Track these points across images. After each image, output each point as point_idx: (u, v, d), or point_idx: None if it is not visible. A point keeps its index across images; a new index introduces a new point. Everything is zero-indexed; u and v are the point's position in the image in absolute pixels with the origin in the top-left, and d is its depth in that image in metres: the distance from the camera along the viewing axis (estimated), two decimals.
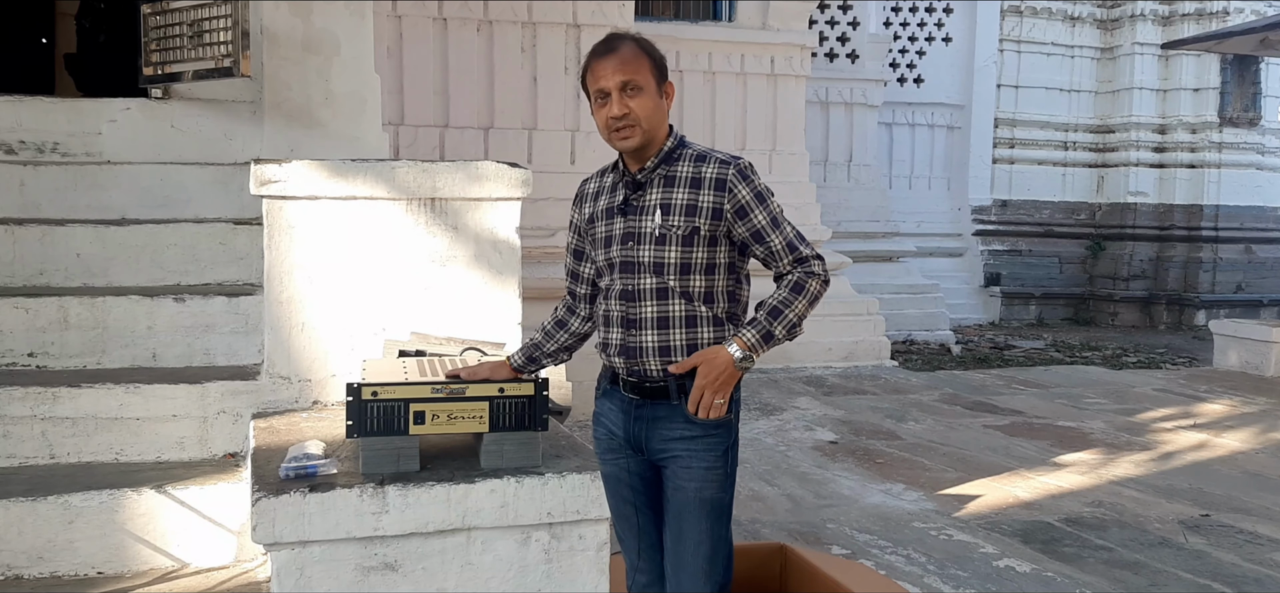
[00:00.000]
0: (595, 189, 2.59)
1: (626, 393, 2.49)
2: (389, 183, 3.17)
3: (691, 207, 2.39)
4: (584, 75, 2.46)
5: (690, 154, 2.45)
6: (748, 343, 2.36)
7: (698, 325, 2.42)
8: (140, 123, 4.23)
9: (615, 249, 2.47)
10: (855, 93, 11.70)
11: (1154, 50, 13.77)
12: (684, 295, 2.41)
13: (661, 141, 2.45)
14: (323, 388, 3.21)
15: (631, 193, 2.46)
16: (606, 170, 2.59)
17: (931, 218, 13.33)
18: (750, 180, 2.41)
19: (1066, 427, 6.98)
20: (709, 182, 2.39)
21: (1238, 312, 12.72)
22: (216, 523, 2.98)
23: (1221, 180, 13.57)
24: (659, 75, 2.42)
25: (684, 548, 2.45)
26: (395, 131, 7.20)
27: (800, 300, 2.38)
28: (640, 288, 2.43)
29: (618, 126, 2.38)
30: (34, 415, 3.10)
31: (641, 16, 8.80)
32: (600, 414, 2.59)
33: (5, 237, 3.65)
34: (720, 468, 2.44)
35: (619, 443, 2.52)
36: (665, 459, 2.46)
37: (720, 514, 2.47)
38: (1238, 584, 4.14)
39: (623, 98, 2.36)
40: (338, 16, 4.38)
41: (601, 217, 2.52)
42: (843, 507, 5.03)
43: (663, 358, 2.42)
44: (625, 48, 2.39)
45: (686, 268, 2.40)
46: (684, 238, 2.39)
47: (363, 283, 3.19)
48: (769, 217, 2.41)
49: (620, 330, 2.46)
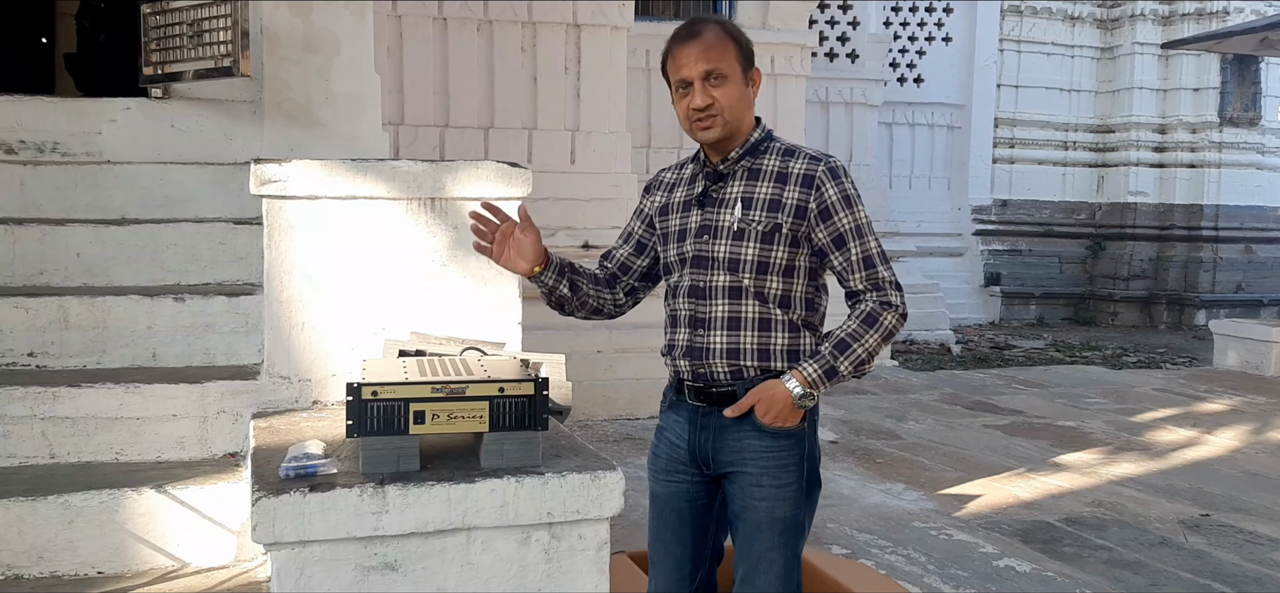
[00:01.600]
0: (672, 179, 2.44)
1: (692, 401, 2.34)
2: (389, 182, 3.16)
3: (775, 202, 2.24)
4: (664, 61, 2.32)
5: (778, 148, 2.31)
6: (808, 379, 2.21)
7: (771, 330, 2.27)
8: (140, 123, 4.23)
9: (689, 243, 2.32)
10: (855, 92, 11.70)
11: (1154, 50, 13.77)
12: (758, 296, 2.26)
13: (747, 133, 2.30)
14: (323, 388, 3.21)
15: (711, 184, 2.31)
16: (686, 161, 2.45)
17: (931, 218, 13.33)
18: (840, 181, 2.25)
19: (1066, 427, 6.99)
20: (796, 177, 2.24)
21: (1238, 312, 12.72)
22: (216, 523, 2.98)
23: (1221, 180, 13.57)
24: (745, 62, 2.27)
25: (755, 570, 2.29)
26: (395, 131, 7.20)
27: (872, 334, 2.22)
28: (712, 285, 2.28)
29: (700, 118, 2.22)
30: (34, 415, 3.09)
31: (641, 16, 8.79)
32: (664, 428, 2.44)
33: (5, 237, 3.65)
34: (793, 484, 2.28)
35: (681, 458, 2.38)
36: (735, 471, 2.30)
37: (795, 533, 2.30)
38: (1238, 584, 4.14)
39: (706, 87, 2.21)
40: (338, 16, 4.37)
41: (676, 208, 2.38)
42: (843, 507, 5.03)
43: (731, 360, 2.27)
44: (709, 33, 2.24)
45: (764, 267, 2.24)
46: (764, 234, 2.23)
47: (363, 283, 3.19)
48: (854, 223, 2.25)
49: (687, 330, 2.31)
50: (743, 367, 2.27)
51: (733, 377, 2.27)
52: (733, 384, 2.27)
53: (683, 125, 2.28)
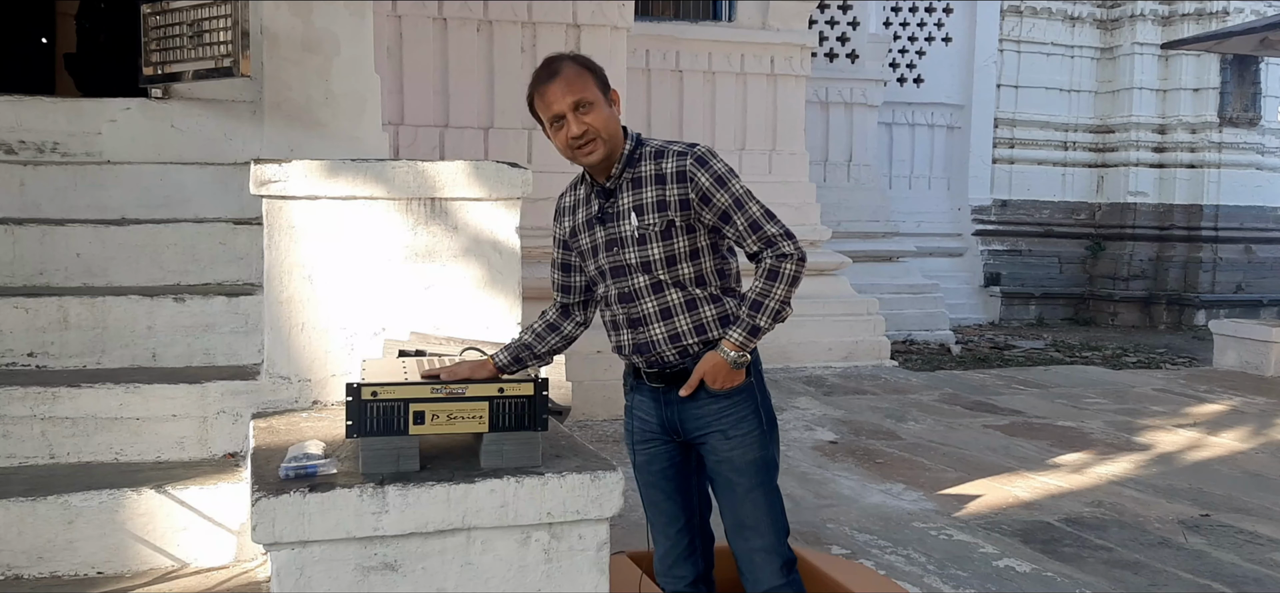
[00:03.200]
0: (571, 203, 2.69)
1: (652, 383, 2.61)
2: (389, 183, 3.17)
3: (661, 202, 2.47)
4: (531, 103, 2.53)
5: (649, 152, 2.53)
6: (737, 343, 2.48)
7: (698, 307, 2.53)
8: (140, 123, 4.23)
9: (602, 257, 2.57)
10: (855, 93, 11.69)
11: (1154, 50, 13.77)
12: (677, 284, 2.51)
13: (620, 147, 2.53)
14: (323, 388, 3.21)
15: (604, 201, 2.55)
16: (577, 182, 2.69)
17: (931, 218, 13.33)
18: (708, 165, 2.48)
19: (1066, 427, 6.99)
20: (671, 175, 2.47)
21: (1238, 312, 12.72)
22: (216, 523, 2.98)
23: (1221, 180, 13.57)
24: (603, 86, 2.51)
25: (741, 511, 2.58)
26: (395, 131, 7.20)
27: (778, 285, 2.45)
28: (635, 287, 2.54)
29: (580, 145, 2.47)
30: (34, 415, 3.09)
31: (641, 16, 8.80)
32: (632, 408, 2.72)
33: (5, 237, 3.65)
34: (755, 428, 2.57)
35: (653, 430, 2.66)
36: (703, 434, 2.58)
37: (767, 470, 2.60)
38: (1238, 584, 4.14)
39: (578, 116, 2.45)
40: (338, 16, 4.37)
41: (583, 228, 2.62)
42: (843, 507, 5.03)
43: (674, 344, 2.54)
44: (567, 68, 2.48)
45: (672, 260, 2.49)
46: (662, 233, 2.48)
47: (363, 283, 3.19)
48: (732, 198, 2.46)
49: (629, 331, 2.58)
50: (686, 346, 2.54)
51: (680, 356, 2.55)
52: (682, 362, 2.55)
53: (564, 154, 2.52)
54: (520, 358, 2.69)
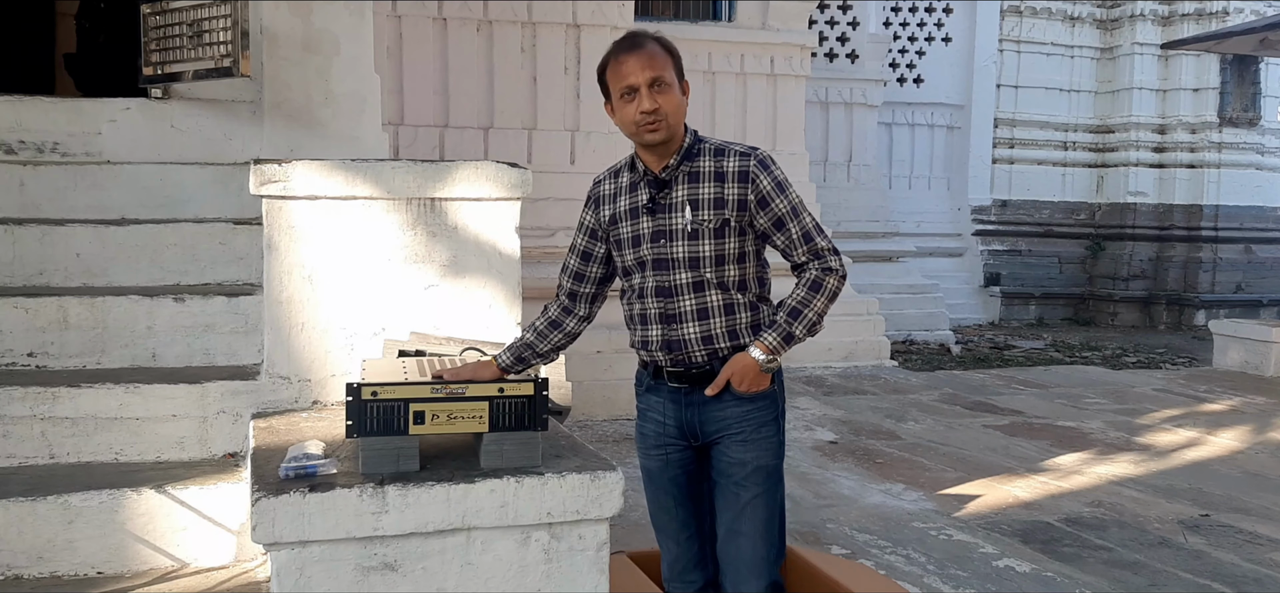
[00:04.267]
0: (612, 190, 2.61)
1: (673, 384, 2.56)
2: (389, 183, 3.17)
3: (719, 200, 2.45)
4: (603, 71, 2.49)
5: (708, 148, 2.50)
6: (770, 347, 2.47)
7: (736, 311, 2.50)
8: (140, 123, 4.23)
9: (646, 248, 2.51)
10: (855, 93, 11.69)
11: (1154, 50, 13.77)
12: (720, 285, 2.48)
13: (681, 138, 2.49)
14: (323, 388, 3.21)
15: (656, 192, 2.50)
16: (619, 170, 2.61)
17: (931, 218, 13.33)
18: (770, 169, 2.47)
19: (1066, 427, 6.99)
20: (732, 174, 2.45)
21: (1237, 312, 12.72)
22: (216, 523, 2.98)
23: (1221, 180, 13.56)
24: (680, 72, 2.49)
25: (739, 519, 2.53)
26: (395, 131, 7.20)
27: (819, 298, 2.46)
28: (676, 283, 2.49)
29: (648, 122, 2.42)
30: (34, 415, 3.09)
31: (641, 16, 8.79)
32: (646, 409, 2.66)
33: (5, 237, 3.65)
34: (773, 436, 2.56)
35: (670, 433, 2.60)
36: (720, 437, 2.54)
37: (775, 480, 2.58)
38: (1238, 584, 4.14)
39: (652, 93, 2.41)
40: (338, 16, 4.37)
41: (625, 217, 2.55)
42: (843, 507, 5.03)
43: (706, 346, 2.50)
44: (651, 44, 2.45)
45: (720, 260, 2.47)
46: (716, 231, 2.45)
47: (363, 283, 3.19)
48: (789, 205, 2.47)
49: (660, 326, 2.52)
50: (717, 348, 2.50)
51: (709, 358, 2.51)
52: (709, 364, 2.51)
53: (626, 131, 2.47)
54: (523, 357, 2.66)
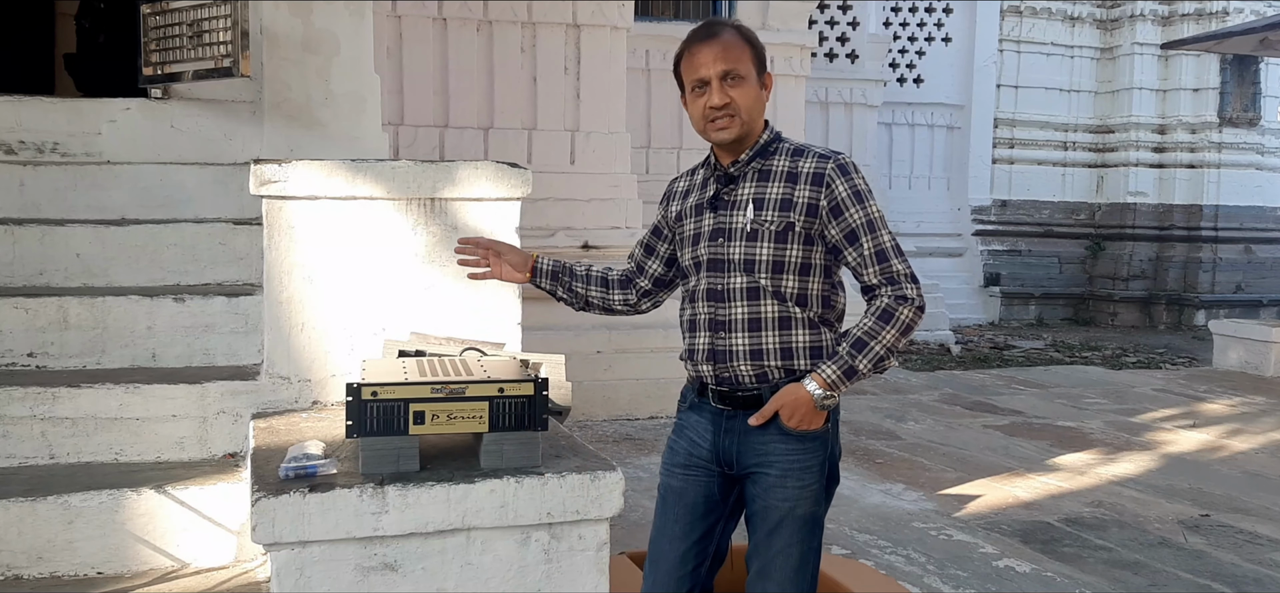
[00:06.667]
0: (685, 187, 2.47)
1: (716, 404, 2.34)
2: (389, 183, 3.17)
3: (786, 201, 2.24)
4: (678, 62, 2.34)
5: (786, 148, 2.33)
6: (828, 381, 2.23)
7: (792, 328, 2.28)
8: (140, 123, 4.23)
9: (703, 246, 2.33)
10: (855, 93, 11.70)
11: (1154, 50, 13.78)
12: (776, 295, 2.26)
13: (757, 135, 2.32)
14: (323, 388, 3.21)
15: (723, 188, 2.33)
16: (695, 167, 2.47)
17: (931, 218, 13.33)
18: (850, 175, 2.26)
19: (1066, 427, 6.99)
20: (806, 176, 2.25)
21: (1237, 312, 12.73)
22: (216, 523, 2.98)
23: (1221, 180, 13.57)
24: (759, 65, 2.30)
25: (772, 563, 2.30)
26: (395, 132, 7.20)
27: (889, 330, 2.21)
28: (729, 287, 2.29)
29: (716, 117, 2.25)
30: (34, 415, 3.09)
31: (641, 16, 8.79)
32: (684, 426, 2.44)
33: (5, 237, 3.65)
34: (816, 484, 2.31)
35: (703, 457, 2.38)
36: (758, 471, 2.31)
37: (813, 529, 2.34)
38: (1238, 584, 4.14)
39: (723, 87, 2.24)
40: (338, 16, 4.37)
41: (690, 213, 2.39)
42: (843, 507, 5.03)
43: (754, 361, 2.27)
44: (726, 34, 2.28)
45: (779, 266, 2.25)
46: (777, 234, 2.24)
47: (363, 283, 3.19)
48: (866, 218, 2.24)
49: (707, 334, 2.32)
50: (767, 369, 2.27)
51: (757, 379, 2.28)
52: (757, 387, 2.28)
53: (696, 126, 2.30)
54: (559, 276, 2.59)
